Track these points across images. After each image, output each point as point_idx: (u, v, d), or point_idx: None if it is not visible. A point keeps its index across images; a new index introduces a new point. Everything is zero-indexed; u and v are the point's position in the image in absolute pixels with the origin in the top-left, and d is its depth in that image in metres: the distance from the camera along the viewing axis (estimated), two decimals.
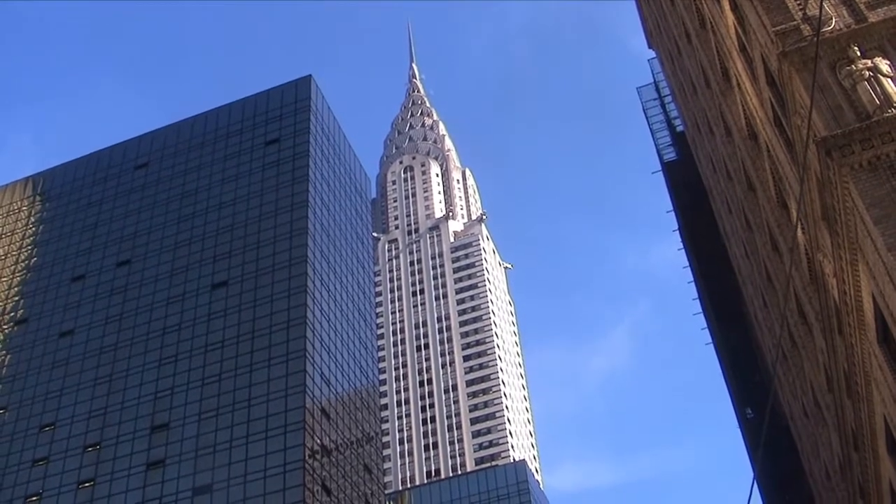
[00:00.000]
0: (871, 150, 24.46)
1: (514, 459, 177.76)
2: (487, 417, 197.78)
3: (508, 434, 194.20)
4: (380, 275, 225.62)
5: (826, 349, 34.40)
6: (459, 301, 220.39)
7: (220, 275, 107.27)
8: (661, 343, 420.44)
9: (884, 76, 25.78)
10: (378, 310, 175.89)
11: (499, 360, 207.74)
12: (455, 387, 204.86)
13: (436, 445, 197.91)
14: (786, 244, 37.51)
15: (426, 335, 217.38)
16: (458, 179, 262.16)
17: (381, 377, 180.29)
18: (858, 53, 26.69)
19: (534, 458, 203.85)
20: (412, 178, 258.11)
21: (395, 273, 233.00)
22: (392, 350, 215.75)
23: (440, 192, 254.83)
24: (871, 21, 27.44)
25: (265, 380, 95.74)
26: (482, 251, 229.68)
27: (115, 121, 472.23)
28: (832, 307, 30.45)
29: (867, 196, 24.05)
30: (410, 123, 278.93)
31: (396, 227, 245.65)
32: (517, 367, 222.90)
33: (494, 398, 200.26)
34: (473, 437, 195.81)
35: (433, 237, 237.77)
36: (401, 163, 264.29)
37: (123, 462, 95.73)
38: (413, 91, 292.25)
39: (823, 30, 27.23)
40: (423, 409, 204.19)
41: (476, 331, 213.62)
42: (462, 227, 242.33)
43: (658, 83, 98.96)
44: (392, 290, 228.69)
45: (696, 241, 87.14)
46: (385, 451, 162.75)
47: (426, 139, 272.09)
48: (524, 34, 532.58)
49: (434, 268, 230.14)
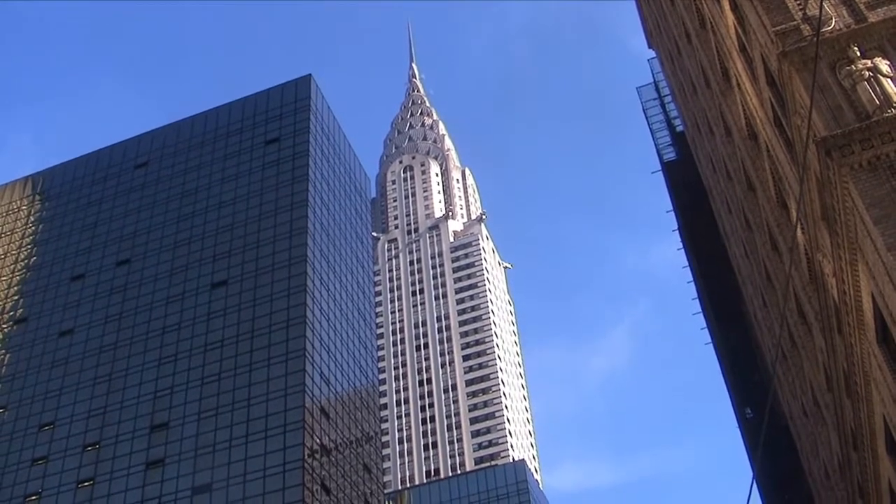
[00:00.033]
0: (871, 150, 24.48)
1: (514, 459, 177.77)
2: (487, 417, 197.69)
3: (508, 434, 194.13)
4: (379, 274, 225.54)
5: (825, 349, 34.41)
6: (459, 301, 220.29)
7: (220, 274, 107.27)
8: (661, 343, 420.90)
9: (883, 76, 25.80)
10: (378, 309, 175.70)
11: (498, 360, 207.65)
12: (454, 386, 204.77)
13: (435, 445, 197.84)
14: (785, 244, 37.52)
15: (426, 335, 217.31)
16: (458, 179, 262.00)
17: (381, 377, 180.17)
18: (858, 53, 26.71)
19: (533, 458, 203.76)
20: (412, 178, 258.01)
21: (395, 273, 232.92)
22: (391, 350, 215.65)
23: (440, 192, 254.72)
24: (871, 21, 27.46)
25: (264, 379, 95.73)
26: (482, 251, 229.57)
27: (115, 121, 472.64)
28: (832, 307, 30.46)
29: (867, 196, 24.07)
30: (410, 123, 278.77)
31: (396, 227, 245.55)
32: (517, 367, 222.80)
33: (494, 398, 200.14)
34: (473, 437, 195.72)
35: (433, 237, 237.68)
36: (400, 162, 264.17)
37: (123, 461, 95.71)
38: (413, 91, 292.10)
39: (823, 30, 27.24)
40: (423, 409, 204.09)
41: (476, 330, 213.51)
42: (462, 227, 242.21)
43: (658, 83, 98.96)
44: (392, 290, 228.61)
45: (696, 241, 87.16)
46: (384, 451, 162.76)
47: (426, 139, 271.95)
48: (524, 34, 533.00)
49: (434, 267, 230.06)
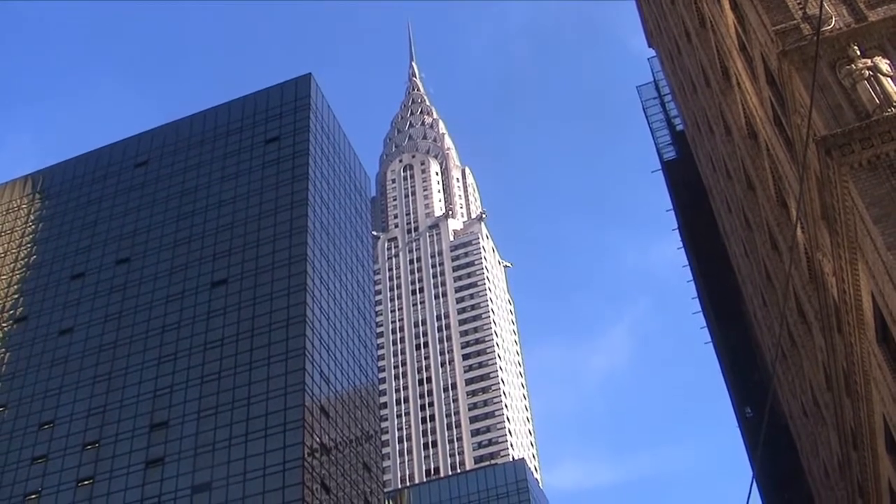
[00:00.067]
0: (871, 150, 24.47)
1: (514, 458, 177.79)
2: (487, 416, 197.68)
3: (507, 433, 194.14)
4: (379, 273, 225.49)
5: (825, 348, 34.40)
6: (459, 300, 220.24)
7: (220, 273, 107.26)
8: (661, 342, 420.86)
9: (883, 75, 25.78)
10: (377, 308, 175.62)
11: (498, 359, 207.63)
12: (454, 385, 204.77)
13: (435, 444, 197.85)
14: (785, 243, 37.51)
15: (425, 334, 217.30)
16: (458, 178, 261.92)
17: (381, 376, 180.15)
18: (858, 52, 26.70)
19: (533, 457, 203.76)
20: (412, 177, 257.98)
21: (395, 271, 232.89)
22: (391, 348, 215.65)
23: (440, 191, 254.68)
24: (871, 20, 27.45)
25: (264, 378, 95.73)
26: (482, 250, 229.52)
27: (115, 121, 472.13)
28: (831, 306, 30.45)
29: (867, 195, 24.06)
30: (410, 122, 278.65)
31: (396, 226, 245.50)
32: (516, 366, 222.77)
33: (494, 397, 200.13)
34: (473, 436, 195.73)
35: (433, 235, 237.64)
36: (400, 161, 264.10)
37: (122, 460, 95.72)
38: (413, 90, 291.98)
39: (823, 29, 27.23)
40: (423, 408, 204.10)
41: (475, 329, 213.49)
42: (461, 226, 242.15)
43: (658, 82, 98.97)
44: (391, 289, 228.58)
45: (696, 240, 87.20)
46: (384, 450, 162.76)
47: (426, 137, 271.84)
48: (524, 34, 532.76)
49: (433, 266, 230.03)
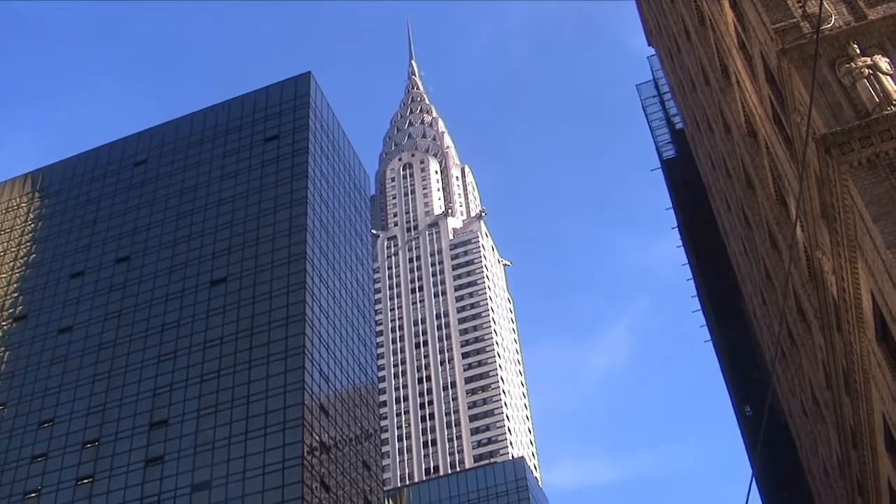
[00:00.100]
0: (871, 148, 24.45)
1: (513, 457, 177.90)
2: (486, 414, 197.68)
3: (507, 431, 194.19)
4: (379, 272, 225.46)
5: (825, 346, 34.40)
6: (458, 298, 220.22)
7: (219, 271, 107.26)
8: (661, 340, 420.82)
9: (883, 74, 25.77)
10: (377, 307, 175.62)
11: (498, 358, 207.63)
12: (454, 384, 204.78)
13: (434, 442, 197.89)
14: (785, 242, 37.51)
15: (425, 332, 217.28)
16: (458, 176, 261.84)
17: (380, 374, 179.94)
18: (858, 51, 26.68)
19: (532, 456, 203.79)
20: (411, 175, 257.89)
21: (394, 270, 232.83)
22: (391, 347, 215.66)
23: (439, 189, 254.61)
24: (871, 19, 27.43)
25: (264, 376, 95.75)
26: (481, 248, 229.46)
27: (115, 120, 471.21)
28: (831, 305, 30.45)
29: (866, 194, 24.05)
30: (410, 120, 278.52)
31: (395, 224, 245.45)
32: (516, 365, 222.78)
33: (493, 395, 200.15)
34: (472, 435, 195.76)
35: (432, 234, 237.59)
36: (400, 160, 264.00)
37: (122, 459, 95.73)
38: (412, 88, 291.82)
39: (823, 27, 27.21)
40: (422, 406, 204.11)
41: (475, 328, 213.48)
42: (461, 224, 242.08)
43: (657, 80, 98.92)
44: (391, 287, 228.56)
45: (696, 239, 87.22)
46: (384, 448, 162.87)
47: (425, 136, 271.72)
48: (524, 34, 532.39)
49: (433, 265, 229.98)
